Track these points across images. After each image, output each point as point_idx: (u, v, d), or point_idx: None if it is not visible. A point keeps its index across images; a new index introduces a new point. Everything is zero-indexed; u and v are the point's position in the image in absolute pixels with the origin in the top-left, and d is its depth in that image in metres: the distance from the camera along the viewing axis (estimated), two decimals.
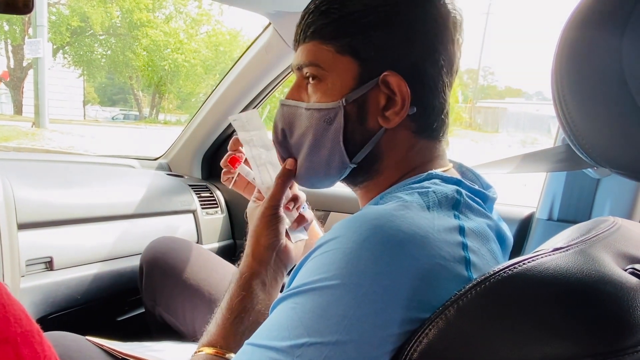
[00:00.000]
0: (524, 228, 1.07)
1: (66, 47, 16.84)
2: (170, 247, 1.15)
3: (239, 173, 0.82)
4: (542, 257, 0.42)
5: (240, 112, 1.58)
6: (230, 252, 1.64)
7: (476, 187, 0.57)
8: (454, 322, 0.40)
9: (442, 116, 0.61)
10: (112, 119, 21.85)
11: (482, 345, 0.39)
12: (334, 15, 0.57)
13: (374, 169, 0.61)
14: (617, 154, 0.43)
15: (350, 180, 0.64)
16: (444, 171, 0.58)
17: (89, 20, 15.87)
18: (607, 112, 0.42)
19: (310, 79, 0.59)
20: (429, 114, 0.59)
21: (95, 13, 15.65)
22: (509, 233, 0.61)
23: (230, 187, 0.84)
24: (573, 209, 0.95)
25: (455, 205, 0.51)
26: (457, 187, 0.53)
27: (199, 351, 0.59)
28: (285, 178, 0.66)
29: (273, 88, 1.53)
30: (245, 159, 0.83)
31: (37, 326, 0.31)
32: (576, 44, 0.44)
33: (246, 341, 0.46)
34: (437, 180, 0.54)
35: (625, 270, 0.44)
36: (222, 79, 1.55)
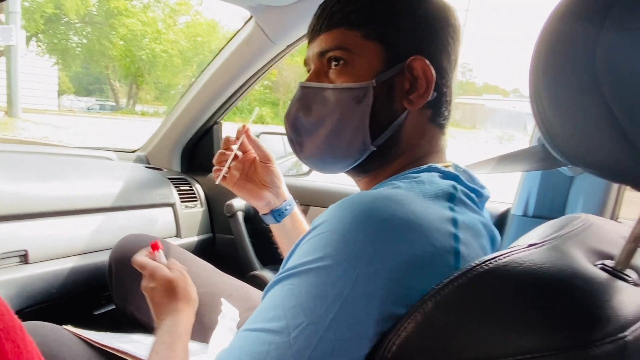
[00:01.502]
0: (500, 223, 1.10)
1: (40, 35, 16.43)
2: (140, 245, 1.13)
3: (229, 168, 0.85)
4: (517, 253, 0.44)
5: (221, 106, 1.58)
6: (209, 246, 1.64)
7: (472, 185, 0.60)
8: (432, 317, 0.42)
9: (450, 107, 0.66)
10: (88, 109, 21.40)
11: (458, 339, 0.40)
12: (361, 3, 0.61)
13: (388, 155, 0.64)
14: (589, 153, 0.44)
15: (362, 167, 0.66)
16: (444, 166, 0.61)
17: (63, 7, 15.50)
18: (581, 111, 0.42)
19: (334, 64, 0.62)
20: (442, 102, 0.64)
21: (71, 0, 15.29)
22: (497, 233, 0.64)
23: (218, 182, 0.87)
24: (547, 205, 0.98)
25: (450, 198, 0.54)
26: (454, 183, 0.56)
27: None
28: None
29: (254, 82, 1.53)
30: (235, 156, 0.86)
31: (19, 321, 0.31)
32: (554, 41, 0.44)
33: (241, 328, 0.47)
34: (435, 173, 0.57)
35: (596, 265, 0.46)
36: (202, 72, 1.53)
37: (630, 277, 0.45)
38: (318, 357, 0.42)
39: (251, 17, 1.32)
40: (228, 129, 1.75)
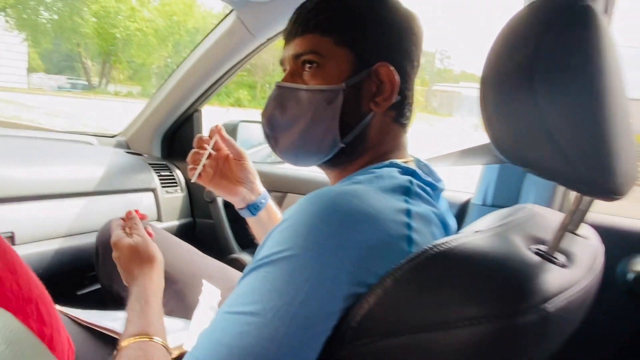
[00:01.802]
0: (462, 211, 1.18)
1: (8, 10, 15.79)
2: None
3: (203, 165, 0.89)
4: (463, 239, 0.50)
5: (202, 94, 1.62)
6: (189, 230, 1.69)
7: (429, 179, 0.66)
8: (390, 291, 0.48)
9: (412, 107, 0.72)
10: (59, 87, 20.76)
11: (412, 310, 0.47)
12: (334, 11, 0.67)
13: (356, 151, 0.70)
14: (525, 154, 0.50)
15: (332, 161, 0.71)
16: (404, 162, 0.67)
17: None
18: (519, 118, 0.48)
19: (308, 67, 0.68)
20: (405, 104, 0.70)
21: None
22: (453, 221, 0.71)
23: (193, 180, 0.91)
24: (504, 195, 1.07)
25: (406, 191, 0.60)
26: (410, 177, 0.62)
27: (131, 341, 0.66)
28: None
29: (234, 72, 1.57)
30: (209, 154, 0.90)
31: (46, 291, 0.37)
32: (498, 59, 0.50)
33: (220, 310, 0.52)
34: (395, 169, 0.63)
35: (530, 249, 0.53)
36: (183, 61, 1.57)
37: (558, 259, 0.53)
38: (292, 332, 0.48)
39: (232, 10, 1.37)
40: (205, 112, 1.80)
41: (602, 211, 1.04)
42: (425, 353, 0.46)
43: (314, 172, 1.58)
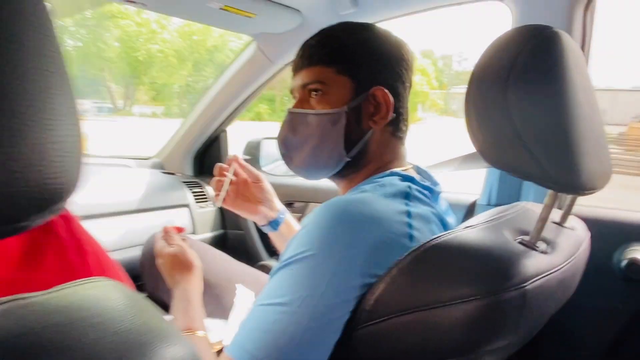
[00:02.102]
0: (470, 212, 1.27)
1: None
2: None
3: (227, 190, 1.01)
4: (455, 233, 0.59)
5: (227, 116, 1.75)
6: (221, 241, 1.81)
7: (427, 183, 0.76)
8: (396, 278, 0.57)
9: (407, 122, 0.83)
10: (85, 112, 21.34)
11: (414, 292, 0.56)
12: (334, 46, 0.78)
13: (360, 163, 0.79)
14: (502, 157, 0.59)
15: (341, 173, 0.81)
16: (403, 170, 0.78)
17: (57, 12, 15.49)
18: (497, 128, 0.57)
19: (314, 94, 0.78)
20: (400, 120, 0.80)
21: (64, 5, 15.30)
22: (452, 219, 0.79)
23: (219, 205, 1.02)
24: (506, 195, 1.15)
25: (406, 195, 0.69)
26: (410, 183, 0.72)
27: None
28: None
29: (254, 96, 1.70)
30: (230, 180, 1.01)
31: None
32: (479, 80, 0.59)
33: (255, 303, 0.61)
34: (395, 178, 0.73)
35: (515, 240, 0.62)
36: (210, 88, 1.71)
37: (539, 247, 0.62)
38: (315, 317, 0.56)
39: (253, 40, 1.51)
40: (231, 128, 1.93)
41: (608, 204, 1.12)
42: (427, 327, 0.54)
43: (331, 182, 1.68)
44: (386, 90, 0.77)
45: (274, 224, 1.07)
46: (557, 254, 0.65)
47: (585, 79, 0.64)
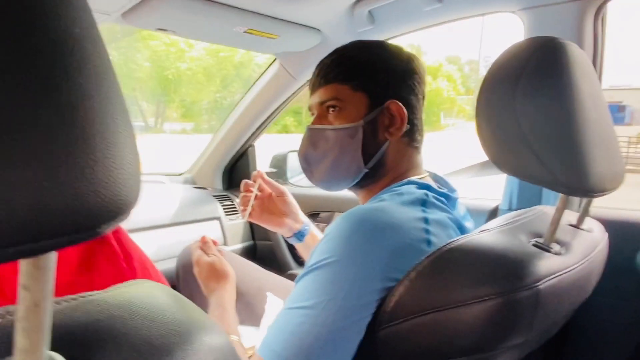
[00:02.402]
0: (492, 217, 1.28)
1: None
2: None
3: (253, 205, 1.06)
4: (470, 237, 0.62)
5: (254, 131, 1.82)
6: (251, 252, 1.87)
7: (444, 190, 0.79)
8: (414, 281, 0.59)
9: (422, 132, 0.86)
10: None
11: (433, 294, 0.58)
12: (348, 64, 0.82)
13: (378, 174, 0.82)
14: (511, 162, 0.62)
15: (360, 184, 0.84)
16: (420, 178, 0.81)
17: None
18: (505, 135, 0.60)
19: (331, 110, 0.82)
20: (415, 130, 0.84)
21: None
22: (470, 224, 0.82)
23: (245, 220, 1.08)
24: (526, 200, 1.16)
25: (423, 203, 0.72)
26: (427, 191, 0.75)
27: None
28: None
29: (280, 111, 1.77)
30: (255, 195, 1.06)
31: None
32: (489, 90, 0.63)
33: (283, 307, 0.65)
34: (412, 186, 0.76)
35: (529, 243, 0.65)
36: (237, 104, 1.79)
37: (552, 248, 0.64)
38: (339, 319, 0.59)
39: (275, 59, 1.58)
40: (260, 141, 1.99)
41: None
42: (445, 327, 0.57)
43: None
44: (400, 104, 0.81)
45: (299, 235, 1.10)
46: (571, 255, 0.67)
47: (593, 86, 0.66)
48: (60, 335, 0.28)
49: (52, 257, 0.23)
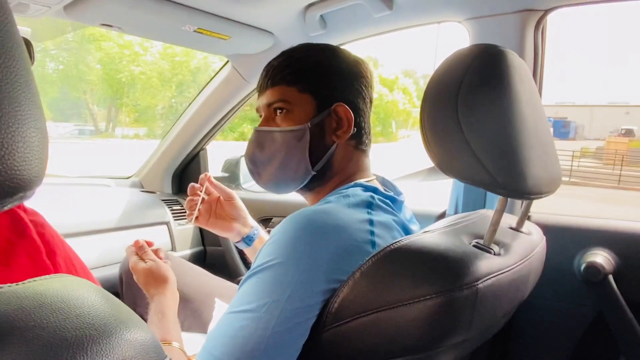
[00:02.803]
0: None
1: None
2: None
3: (199, 210, 1.03)
4: (414, 237, 0.63)
5: (206, 134, 1.79)
6: (201, 258, 1.83)
7: (390, 193, 0.80)
8: (358, 281, 0.60)
9: (370, 136, 0.87)
10: (68, 134, 21.15)
11: (376, 294, 0.59)
12: (296, 67, 0.81)
13: (326, 176, 0.83)
14: (454, 166, 0.63)
15: (307, 186, 0.84)
16: (367, 181, 0.81)
17: (38, 35, 15.44)
18: (448, 140, 0.62)
19: (279, 112, 0.81)
20: (362, 133, 0.84)
21: (45, 28, 15.30)
22: (416, 227, 0.83)
23: (192, 224, 1.04)
24: (471, 205, 1.19)
25: (368, 205, 0.73)
26: (372, 193, 0.76)
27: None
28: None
29: (233, 113, 1.74)
30: (202, 199, 1.04)
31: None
32: (432, 96, 0.64)
33: (224, 313, 0.63)
34: (358, 188, 0.76)
35: (470, 244, 0.66)
36: (188, 107, 1.75)
37: (493, 249, 0.66)
38: (281, 322, 0.58)
39: (228, 61, 1.55)
40: (212, 147, 1.96)
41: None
42: (388, 326, 0.58)
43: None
44: (347, 107, 0.81)
45: (248, 240, 1.09)
46: (510, 256, 0.69)
47: (532, 93, 0.69)
48: None
49: None
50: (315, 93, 0.81)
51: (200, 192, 1.04)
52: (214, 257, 1.84)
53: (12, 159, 0.21)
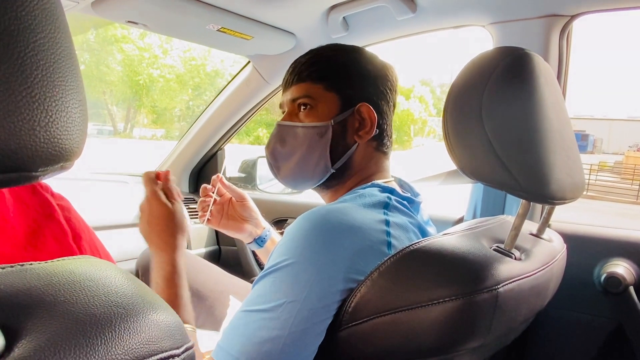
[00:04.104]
0: None
1: None
2: None
3: (210, 211, 1.03)
4: (433, 239, 0.62)
5: (224, 135, 1.80)
6: (215, 257, 1.83)
7: (407, 195, 0.80)
8: (376, 281, 0.60)
9: (391, 138, 0.87)
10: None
11: (393, 295, 0.58)
12: (323, 64, 0.82)
13: (345, 175, 0.83)
14: (477, 169, 0.62)
15: (326, 184, 0.84)
16: (385, 182, 0.81)
17: None
18: (472, 142, 0.61)
19: (302, 108, 0.82)
20: (384, 135, 0.85)
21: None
22: (433, 229, 0.82)
23: (205, 225, 1.04)
24: (490, 210, 1.18)
25: (385, 205, 0.72)
26: (389, 194, 0.75)
27: None
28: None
29: (252, 114, 1.75)
30: (214, 200, 1.04)
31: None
32: (456, 97, 0.64)
33: (238, 310, 0.63)
34: (375, 189, 0.76)
35: (491, 247, 0.65)
36: (208, 106, 1.77)
37: (513, 254, 0.65)
38: (298, 322, 0.58)
39: (249, 61, 1.57)
40: (228, 149, 1.98)
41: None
42: (405, 328, 0.57)
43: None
44: (371, 107, 0.81)
45: (260, 241, 1.09)
46: (531, 261, 0.68)
47: (557, 97, 0.68)
48: None
49: None
50: (340, 92, 0.81)
51: (212, 193, 1.04)
52: (228, 257, 1.84)
53: (55, 127, 0.21)
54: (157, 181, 0.85)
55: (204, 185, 1.06)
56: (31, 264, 0.29)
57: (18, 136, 0.19)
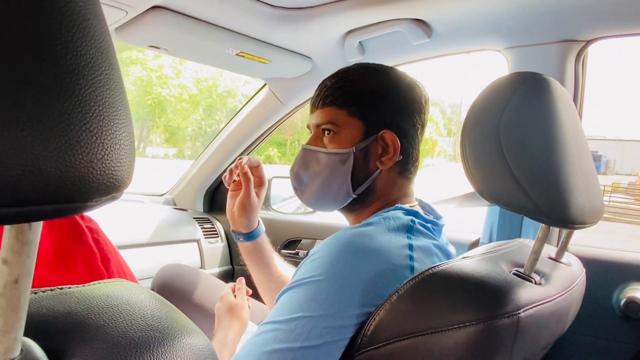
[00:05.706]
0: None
1: None
2: (177, 272, 1.32)
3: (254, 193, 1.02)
4: (452, 262, 0.62)
5: (240, 155, 1.82)
6: (228, 276, 1.84)
7: (430, 217, 0.80)
8: (395, 305, 0.59)
9: (416, 163, 0.87)
10: None
11: (413, 318, 0.58)
12: (347, 90, 0.82)
13: (367, 200, 0.83)
14: (494, 191, 0.63)
15: (349, 207, 0.85)
16: (410, 206, 0.81)
17: None
18: (489, 163, 0.62)
19: (327, 133, 0.83)
20: (408, 160, 0.84)
21: None
22: (452, 248, 0.82)
23: (228, 187, 1.03)
24: (506, 233, 1.17)
25: (408, 229, 0.72)
26: (413, 217, 0.75)
27: None
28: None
29: (267, 135, 1.78)
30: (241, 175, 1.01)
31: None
32: (474, 118, 0.65)
33: (261, 323, 0.64)
34: (399, 212, 0.76)
35: (510, 272, 0.65)
36: (224, 127, 1.79)
37: (533, 278, 0.65)
38: (311, 339, 0.58)
39: (265, 84, 1.59)
40: None
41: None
42: (425, 352, 0.56)
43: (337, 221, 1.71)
44: (394, 134, 0.81)
45: (256, 232, 1.07)
46: (551, 286, 0.67)
47: (574, 122, 0.68)
48: (35, 324, 0.27)
49: (37, 230, 0.22)
50: (364, 118, 0.81)
51: (245, 165, 1.02)
52: (241, 276, 1.83)
53: (110, 160, 0.22)
54: (233, 286, 1.12)
55: (241, 157, 1.06)
56: (69, 288, 0.30)
57: (77, 169, 0.21)
